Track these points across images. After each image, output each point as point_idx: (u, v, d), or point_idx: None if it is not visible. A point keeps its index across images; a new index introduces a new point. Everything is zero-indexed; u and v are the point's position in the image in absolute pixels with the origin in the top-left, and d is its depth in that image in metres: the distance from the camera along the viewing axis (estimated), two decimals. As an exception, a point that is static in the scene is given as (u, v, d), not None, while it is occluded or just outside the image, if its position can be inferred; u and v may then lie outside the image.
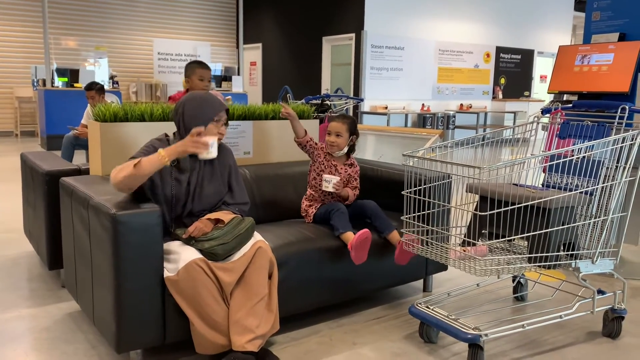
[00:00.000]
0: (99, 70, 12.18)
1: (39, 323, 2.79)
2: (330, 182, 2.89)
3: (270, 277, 2.42)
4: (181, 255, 2.25)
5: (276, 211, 3.17)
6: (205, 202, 2.47)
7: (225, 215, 2.43)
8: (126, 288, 2.18)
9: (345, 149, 3.04)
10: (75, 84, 10.42)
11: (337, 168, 3.03)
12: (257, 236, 2.47)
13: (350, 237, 2.73)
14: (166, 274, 2.25)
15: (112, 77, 12.04)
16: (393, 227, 2.90)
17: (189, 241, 2.33)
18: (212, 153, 2.31)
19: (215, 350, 2.30)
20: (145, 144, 2.47)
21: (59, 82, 10.52)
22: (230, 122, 3.23)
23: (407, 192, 2.62)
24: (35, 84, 11.31)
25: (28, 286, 3.28)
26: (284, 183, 3.25)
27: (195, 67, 4.02)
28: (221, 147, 2.57)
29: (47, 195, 3.05)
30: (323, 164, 3.03)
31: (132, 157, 2.38)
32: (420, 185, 2.62)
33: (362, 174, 3.42)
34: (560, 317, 2.58)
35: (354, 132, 3.05)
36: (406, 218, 2.64)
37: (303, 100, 5.25)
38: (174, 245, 2.35)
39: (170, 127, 2.61)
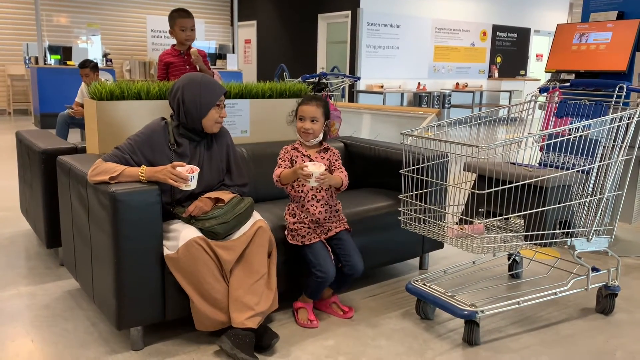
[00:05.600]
0: (91, 48, 12.04)
1: (38, 301, 2.80)
2: (312, 177, 2.39)
3: (269, 255, 2.44)
4: (181, 234, 2.26)
5: (274, 190, 3.17)
6: (205, 185, 2.46)
7: (225, 195, 2.43)
8: (126, 266, 2.19)
9: (321, 136, 2.64)
10: (68, 62, 10.31)
11: (312, 158, 2.62)
12: (256, 215, 2.49)
13: (308, 305, 2.64)
14: (166, 252, 2.26)
15: (105, 55, 11.92)
16: (338, 292, 2.77)
17: (189, 220, 2.34)
18: (192, 186, 2.28)
19: (215, 327, 2.33)
20: (141, 136, 2.39)
21: (51, 60, 10.40)
22: (227, 101, 3.22)
23: (405, 171, 2.63)
24: (27, 61, 11.17)
25: (26, 264, 3.29)
26: (282, 162, 3.25)
27: (175, 17, 3.82)
28: (220, 129, 2.56)
29: (44, 174, 3.04)
30: (299, 162, 2.59)
31: (117, 148, 2.35)
32: (418, 164, 2.63)
33: (360, 154, 3.42)
34: (555, 294, 2.62)
35: (327, 115, 2.64)
36: (404, 197, 2.65)
37: (300, 79, 5.22)
38: (173, 224, 2.35)
39: (166, 105, 2.59)
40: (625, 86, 2.66)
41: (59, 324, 2.57)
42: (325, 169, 2.45)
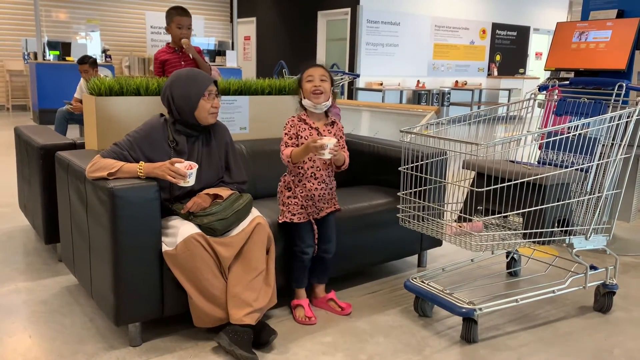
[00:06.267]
0: (90, 44, 12.02)
1: (36, 296, 2.80)
2: (326, 148, 2.36)
3: (267, 252, 2.44)
4: (179, 230, 2.25)
5: (273, 186, 3.17)
6: (204, 182, 2.46)
7: (223, 191, 2.43)
8: (124, 262, 2.19)
9: (330, 101, 2.57)
10: (67, 58, 10.29)
11: (320, 132, 2.58)
12: (255, 212, 2.48)
13: (303, 294, 2.66)
14: (164, 248, 2.26)
15: (104, 51, 11.89)
16: (325, 281, 2.76)
17: (188, 216, 2.33)
18: (190, 182, 2.28)
19: (214, 324, 2.33)
20: (140, 132, 2.38)
21: (50, 56, 10.37)
22: (226, 97, 3.21)
23: (404, 168, 2.63)
24: (26, 57, 11.15)
25: (24, 260, 3.28)
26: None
27: (172, 15, 3.76)
28: (217, 125, 2.55)
29: (42, 170, 3.03)
30: (306, 136, 2.56)
31: (116, 144, 2.35)
32: (417, 162, 2.63)
33: (359, 151, 3.42)
34: (553, 292, 2.62)
35: (332, 81, 2.60)
36: (403, 194, 2.65)
37: (299, 75, 5.20)
38: (172, 220, 2.35)
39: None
40: (624, 85, 2.66)
41: (56, 319, 2.57)
42: (336, 142, 2.43)
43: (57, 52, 10.40)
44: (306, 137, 2.54)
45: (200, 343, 2.38)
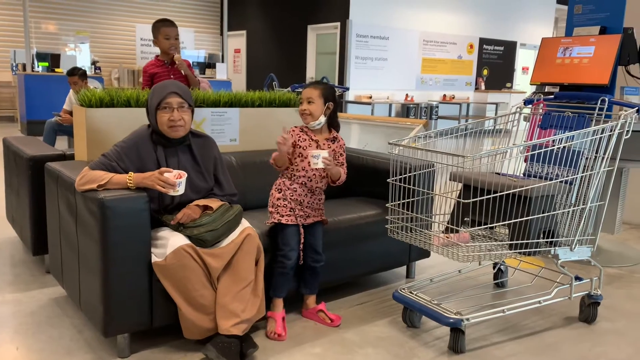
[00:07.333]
0: (80, 56, 12.01)
1: (24, 308, 2.78)
2: (318, 157, 2.48)
3: (256, 263, 2.45)
4: (169, 241, 2.26)
5: (263, 198, 3.19)
6: (193, 194, 2.47)
7: (213, 203, 2.44)
8: (113, 273, 2.19)
9: (322, 119, 2.63)
10: (56, 69, 10.26)
11: (320, 144, 2.67)
12: (245, 223, 2.50)
13: (279, 305, 2.62)
14: (154, 259, 2.27)
15: (94, 63, 11.88)
16: (315, 291, 2.77)
17: (177, 227, 2.34)
18: (180, 191, 2.29)
19: (202, 335, 2.33)
20: (127, 142, 2.40)
21: (39, 67, 10.34)
22: (216, 109, 3.24)
23: (393, 180, 2.66)
24: (14, 68, 11.10)
25: (11, 271, 3.26)
26: (271, 170, 3.26)
27: (159, 27, 3.80)
28: (205, 139, 2.57)
29: (31, 181, 3.03)
30: (305, 146, 2.65)
31: (104, 155, 2.36)
32: (405, 174, 2.66)
33: (348, 163, 3.44)
34: (539, 302, 2.65)
35: (329, 98, 2.63)
36: (391, 205, 2.68)
37: (289, 89, 5.25)
38: (162, 231, 2.36)
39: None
40: (607, 99, 2.73)
41: (44, 331, 2.56)
42: (329, 154, 2.54)
43: (46, 64, 10.38)
44: (304, 148, 2.64)
45: (189, 354, 2.37)
